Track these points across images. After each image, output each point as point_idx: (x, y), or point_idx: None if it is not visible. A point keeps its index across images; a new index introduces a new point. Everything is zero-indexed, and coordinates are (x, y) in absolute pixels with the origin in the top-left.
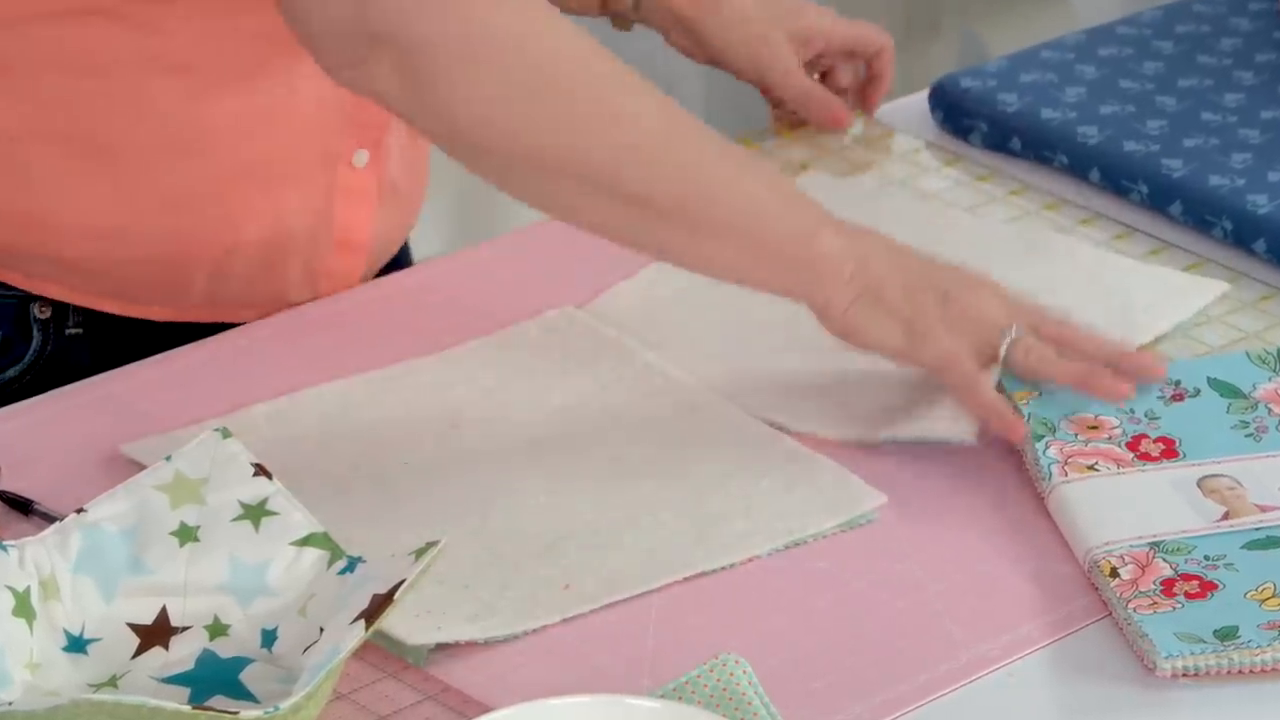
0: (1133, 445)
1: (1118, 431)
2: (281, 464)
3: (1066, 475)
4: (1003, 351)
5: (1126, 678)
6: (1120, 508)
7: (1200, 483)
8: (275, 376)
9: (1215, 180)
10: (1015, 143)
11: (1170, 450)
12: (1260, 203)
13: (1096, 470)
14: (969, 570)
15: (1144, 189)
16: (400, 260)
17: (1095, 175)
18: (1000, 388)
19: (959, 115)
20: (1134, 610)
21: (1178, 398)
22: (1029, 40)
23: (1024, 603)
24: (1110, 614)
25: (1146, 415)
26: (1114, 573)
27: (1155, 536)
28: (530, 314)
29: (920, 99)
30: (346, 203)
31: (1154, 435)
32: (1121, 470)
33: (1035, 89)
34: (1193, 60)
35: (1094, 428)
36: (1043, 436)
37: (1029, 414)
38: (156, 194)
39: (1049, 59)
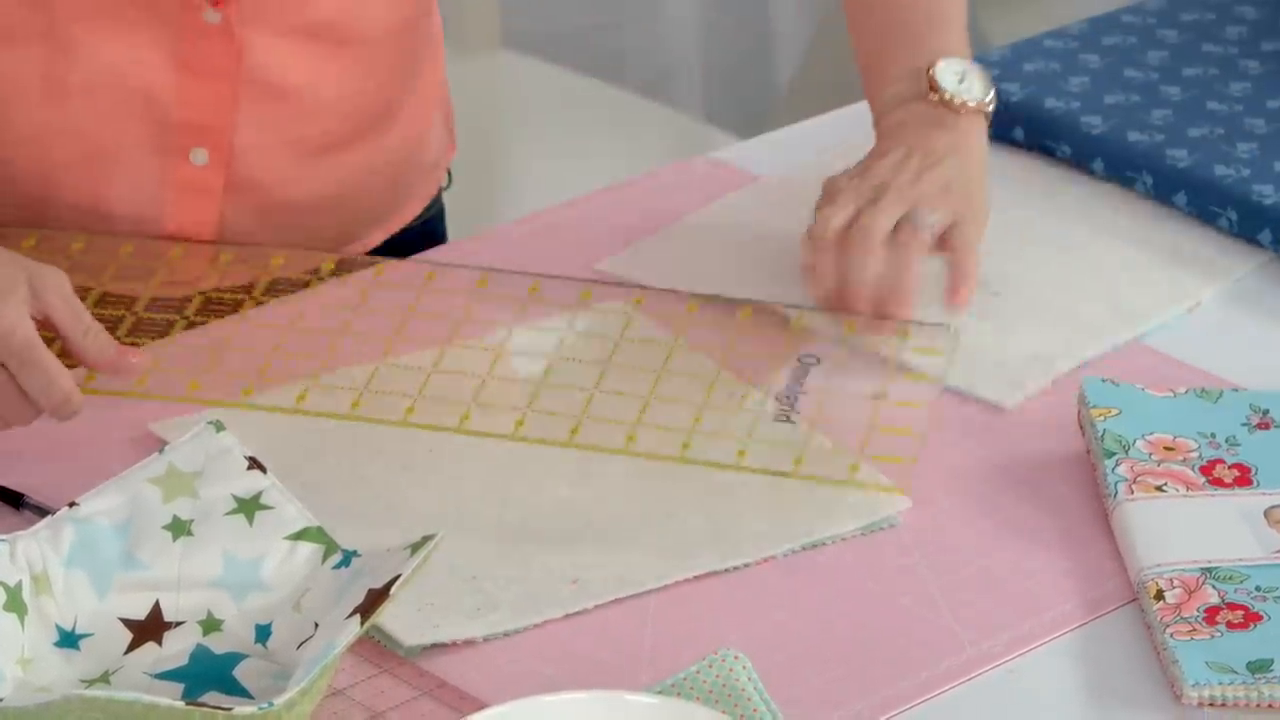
0: (1206, 470)
1: (1194, 455)
2: (306, 448)
3: (1132, 494)
4: None
5: (1129, 674)
6: (1180, 530)
7: (1267, 512)
8: (275, 362)
9: (1220, 170)
10: (1018, 132)
11: (1244, 478)
12: (1266, 193)
13: (1164, 491)
14: (971, 566)
15: (1148, 179)
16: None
17: (1099, 165)
18: (1082, 401)
19: None
20: (1170, 635)
21: (1263, 426)
22: (1032, 29)
23: (1026, 599)
24: (1110, 612)
25: (1227, 441)
26: (1159, 595)
27: (1209, 562)
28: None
29: None
30: (181, 198)
31: (1230, 461)
32: (1189, 493)
33: (1038, 78)
34: (1198, 49)
35: (1170, 449)
36: (1114, 454)
37: (1103, 430)
38: None
39: (1052, 48)
